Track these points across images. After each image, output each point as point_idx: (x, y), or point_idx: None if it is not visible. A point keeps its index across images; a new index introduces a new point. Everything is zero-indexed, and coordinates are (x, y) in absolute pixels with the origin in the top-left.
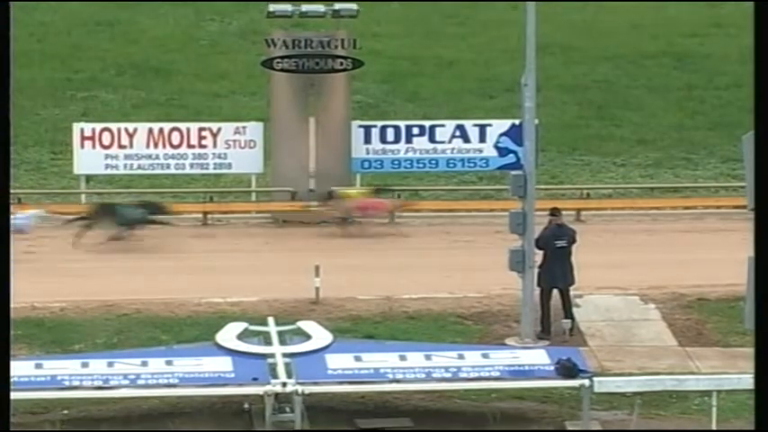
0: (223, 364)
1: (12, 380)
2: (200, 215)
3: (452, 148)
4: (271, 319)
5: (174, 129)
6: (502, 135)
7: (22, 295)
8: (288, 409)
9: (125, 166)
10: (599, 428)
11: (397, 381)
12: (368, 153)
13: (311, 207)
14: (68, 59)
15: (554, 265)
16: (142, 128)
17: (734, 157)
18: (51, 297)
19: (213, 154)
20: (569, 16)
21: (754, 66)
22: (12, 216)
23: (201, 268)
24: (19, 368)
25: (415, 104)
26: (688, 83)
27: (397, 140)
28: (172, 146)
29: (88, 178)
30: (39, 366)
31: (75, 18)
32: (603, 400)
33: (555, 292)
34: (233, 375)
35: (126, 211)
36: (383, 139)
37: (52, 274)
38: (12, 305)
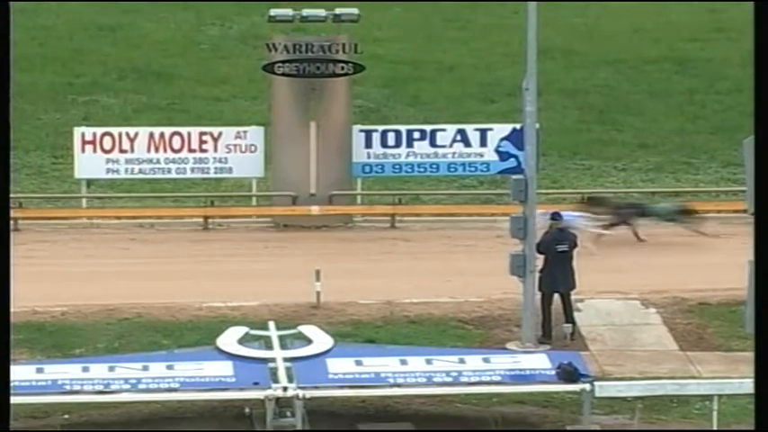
0: (224, 369)
1: (13, 384)
2: (201, 219)
3: (453, 153)
4: (271, 324)
5: (175, 133)
6: (503, 139)
7: (23, 299)
8: (289, 414)
9: (126, 170)
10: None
11: (398, 385)
12: (369, 157)
13: None
14: (70, 63)
15: (555, 269)
16: (143, 132)
17: (735, 162)
18: (52, 301)
19: (214, 158)
20: (570, 20)
21: (753, 67)
22: (567, 213)
23: (202, 272)
24: (20, 372)
25: (416, 109)
26: (689, 87)
27: (398, 145)
28: (173, 150)
29: (89, 182)
30: (40, 371)
31: (76, 22)
32: (604, 405)
33: (556, 296)
34: (234, 380)
35: (658, 209)
36: (384, 144)
37: (53, 279)
38: (13, 309)
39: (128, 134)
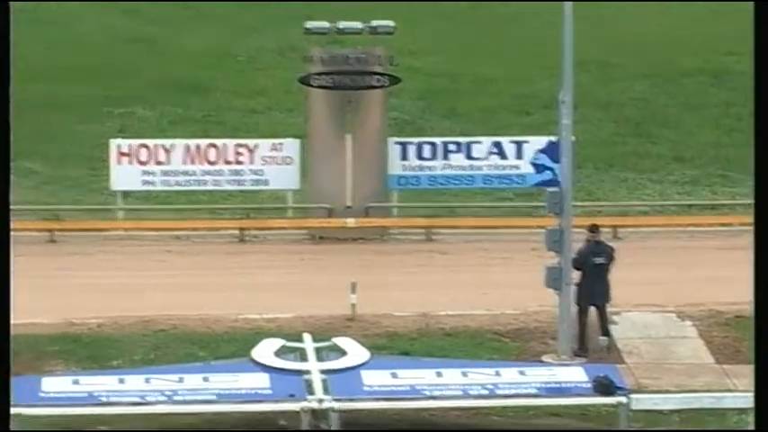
0: (260, 381)
1: (49, 396)
2: (237, 231)
3: (489, 165)
4: (307, 336)
5: (210, 145)
6: (539, 152)
7: (59, 311)
8: (324, 426)
9: (162, 182)
10: None
11: (434, 397)
12: (404, 170)
13: None
14: (106, 76)
15: (592, 282)
16: (179, 144)
17: None
18: (88, 313)
19: (250, 170)
20: (605, 30)
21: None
22: None
23: (238, 284)
24: (56, 384)
25: (451, 121)
26: (725, 100)
27: (433, 157)
28: (209, 162)
29: (125, 194)
30: (76, 382)
31: (113, 35)
32: (641, 418)
33: (592, 309)
34: (270, 392)
35: None
36: (420, 156)
37: (88, 290)
38: (49, 321)
39: (164, 146)
